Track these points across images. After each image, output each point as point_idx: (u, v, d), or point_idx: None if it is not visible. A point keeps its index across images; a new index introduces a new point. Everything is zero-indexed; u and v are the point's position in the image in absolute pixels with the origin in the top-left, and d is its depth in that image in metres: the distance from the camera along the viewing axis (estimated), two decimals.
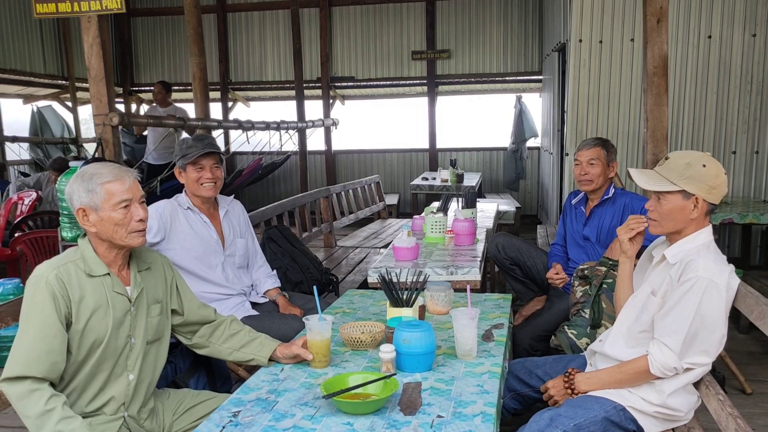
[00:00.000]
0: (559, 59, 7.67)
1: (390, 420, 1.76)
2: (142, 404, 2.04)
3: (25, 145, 9.13)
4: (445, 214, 4.00)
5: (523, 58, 10.49)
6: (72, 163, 4.15)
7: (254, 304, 3.09)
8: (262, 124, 7.01)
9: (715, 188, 2.01)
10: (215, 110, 11.43)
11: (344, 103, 11.36)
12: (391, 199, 9.67)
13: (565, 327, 2.73)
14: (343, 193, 6.29)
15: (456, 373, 2.08)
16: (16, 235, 5.03)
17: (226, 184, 8.22)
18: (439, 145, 10.96)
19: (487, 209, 5.27)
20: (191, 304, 2.21)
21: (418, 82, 10.84)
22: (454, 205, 4.64)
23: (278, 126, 7.50)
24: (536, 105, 10.45)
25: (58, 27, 9.99)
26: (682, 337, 1.92)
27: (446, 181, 7.92)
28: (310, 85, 10.87)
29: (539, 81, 10.32)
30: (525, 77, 10.54)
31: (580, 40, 6.48)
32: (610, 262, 2.71)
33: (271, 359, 2.18)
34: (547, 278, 3.31)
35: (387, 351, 2.05)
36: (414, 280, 2.47)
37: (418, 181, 8.24)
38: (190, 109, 6.97)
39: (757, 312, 1.86)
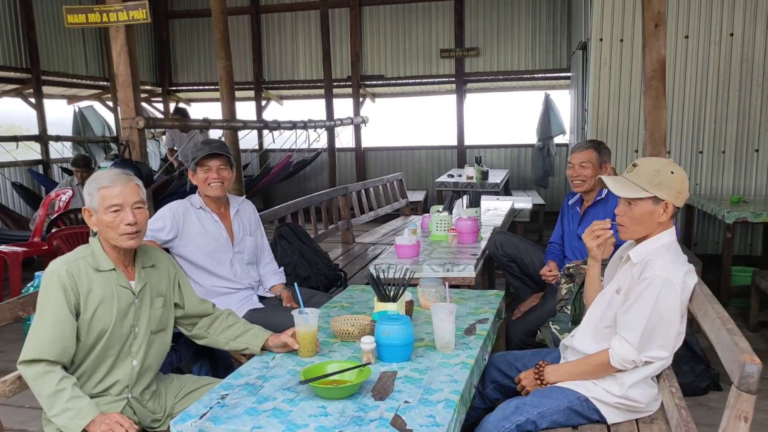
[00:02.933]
0: (583, 57, 7.71)
1: (361, 404, 1.93)
2: (145, 387, 2.27)
3: (68, 143, 9.57)
4: (450, 212, 4.15)
5: (552, 54, 10.51)
6: (102, 163, 4.42)
7: (261, 298, 3.30)
8: (288, 123, 7.24)
9: (682, 193, 2.14)
10: (249, 109, 11.77)
11: (375, 100, 11.54)
12: (419, 196, 9.82)
13: (550, 322, 2.87)
14: (363, 190, 6.47)
15: (432, 363, 2.24)
16: (53, 230, 5.35)
17: (255, 181, 8.52)
18: (467, 142, 11.06)
19: (500, 207, 5.39)
20: (191, 299, 2.43)
21: (446, 79, 10.95)
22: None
23: (305, 125, 7.72)
24: (566, 102, 10.46)
25: (100, 31, 10.39)
26: (640, 332, 2.05)
27: (471, 178, 8.03)
28: (341, 83, 11.08)
29: (568, 78, 10.34)
30: (553, 74, 10.56)
31: (601, 39, 6.53)
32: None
33: (264, 348, 2.38)
34: (540, 275, 3.44)
35: (367, 342, 2.23)
36: (401, 276, 2.64)
37: (443, 178, 8.37)
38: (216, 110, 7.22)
39: (702, 310, 1.98)
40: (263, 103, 11.78)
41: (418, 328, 2.60)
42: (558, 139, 10.17)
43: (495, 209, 5.30)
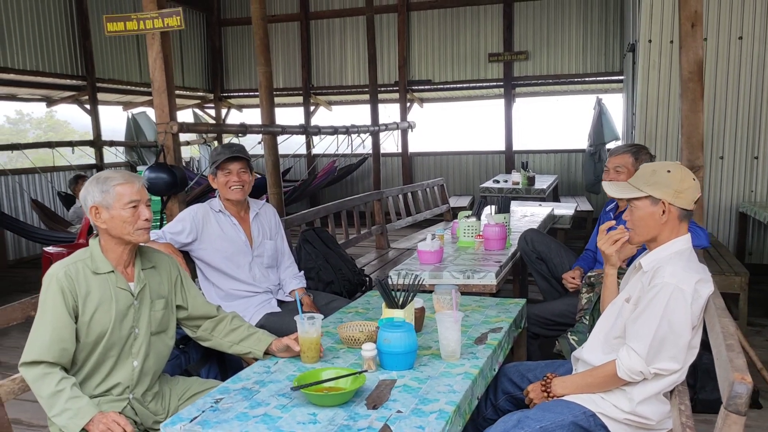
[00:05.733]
0: (632, 59, 7.48)
1: (352, 413, 1.89)
2: (147, 388, 2.29)
3: (121, 148, 9.88)
4: (479, 219, 4.06)
5: (604, 57, 10.25)
6: (138, 168, 4.52)
7: (281, 302, 3.29)
8: (330, 128, 7.27)
9: (682, 192, 2.04)
10: (298, 114, 11.90)
11: (422, 105, 11.50)
12: (464, 202, 9.72)
13: (569, 333, 2.76)
14: (400, 195, 6.42)
15: (434, 373, 2.18)
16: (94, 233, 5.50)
17: (299, 186, 8.59)
18: (515, 147, 10.89)
19: (538, 213, 5.26)
20: (196, 301, 2.44)
21: (494, 84, 10.82)
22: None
23: (347, 130, 7.73)
24: (619, 105, 10.17)
25: None
26: (648, 342, 1.95)
27: (517, 183, 7.90)
28: (388, 88, 11.08)
29: (621, 81, 10.06)
30: (606, 77, 10.30)
31: (650, 41, 6.31)
32: (621, 271, 2.71)
33: (267, 353, 2.36)
34: (563, 278, 3.33)
35: (368, 349, 2.19)
36: (411, 283, 2.58)
37: (488, 183, 8.26)
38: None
39: (711, 323, 1.86)
40: (311, 108, 11.89)
41: (429, 336, 2.54)
42: (611, 145, 9.90)
43: (532, 215, 5.17)
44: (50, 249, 5.77)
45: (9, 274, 7.09)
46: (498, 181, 8.29)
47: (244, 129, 5.44)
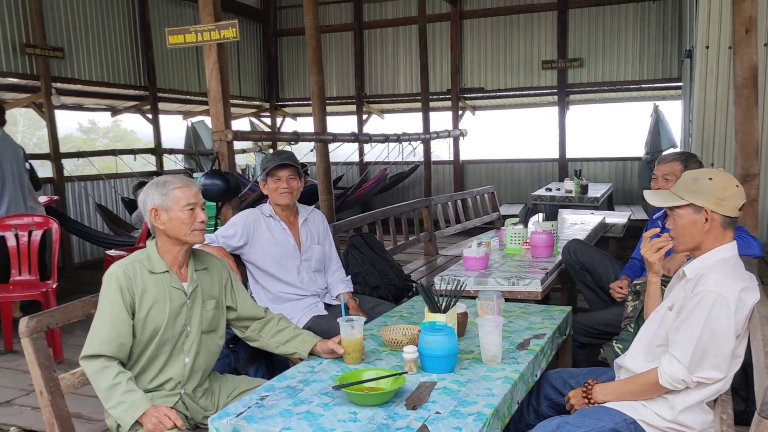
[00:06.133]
0: (690, 66, 7.33)
1: (391, 412, 1.94)
2: (198, 384, 2.39)
3: (180, 156, 10.20)
4: (526, 226, 4.06)
5: (661, 63, 10.04)
6: (194, 174, 4.68)
7: (328, 306, 3.37)
8: (381, 136, 7.35)
9: (725, 200, 2.02)
10: (351, 122, 12.05)
11: (475, 113, 11.49)
12: (516, 210, 9.64)
13: (614, 341, 2.75)
14: (449, 203, 6.44)
15: (474, 376, 2.21)
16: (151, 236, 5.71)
17: (350, 193, 8.70)
18: (569, 154, 10.76)
19: (589, 221, 5.21)
20: (244, 303, 2.54)
21: (548, 91, 10.72)
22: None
23: (398, 138, 7.80)
24: (677, 112, 9.95)
25: None
26: (691, 350, 1.94)
27: (570, 191, 7.82)
28: (440, 96, 11.12)
29: (679, 87, 9.83)
30: (663, 84, 10.08)
31: (707, 47, 6.18)
32: (666, 279, 2.69)
33: (312, 354, 2.44)
34: (609, 288, 3.30)
35: (409, 351, 2.24)
36: (453, 288, 2.61)
37: (540, 191, 8.20)
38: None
39: (753, 331, 1.83)
40: (364, 116, 12.02)
41: (471, 341, 2.57)
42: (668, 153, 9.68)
43: (582, 223, 5.13)
44: (112, 252, 6.02)
45: (74, 276, 7.41)
46: (550, 189, 8.21)
47: (296, 137, 5.57)
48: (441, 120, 11.17)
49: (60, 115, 8.25)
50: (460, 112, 11.21)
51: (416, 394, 2.06)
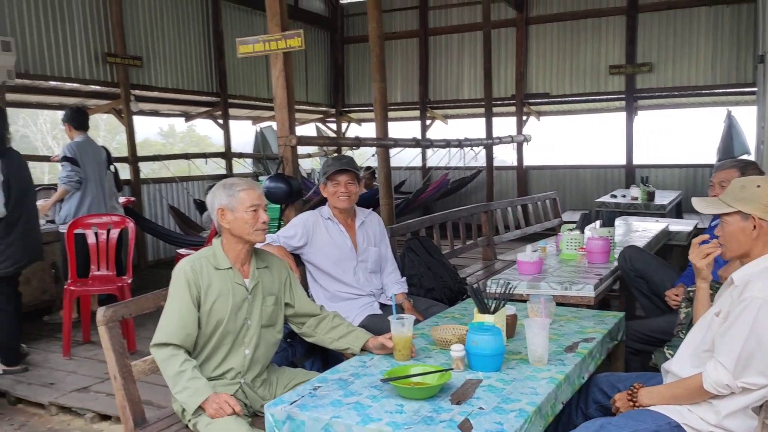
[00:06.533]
0: (764, 71, 7.09)
1: (436, 406, 2.03)
2: (257, 375, 2.55)
3: (249, 160, 10.55)
4: (582, 232, 4.06)
5: (735, 69, 9.73)
6: (260, 178, 4.88)
7: (383, 306, 3.48)
8: (442, 141, 7.43)
9: None
10: (415, 127, 12.17)
11: (539, 119, 11.41)
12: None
13: (665, 347, 2.74)
14: (509, 208, 6.46)
15: (519, 375, 2.27)
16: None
17: (411, 197, 8.80)
18: (636, 161, 10.55)
19: (651, 228, 5.14)
20: (301, 300, 2.69)
21: (615, 96, 10.56)
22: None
23: (459, 143, 7.86)
24: (752, 118, 9.61)
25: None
26: (735, 356, 1.95)
27: (636, 198, 7.70)
28: (505, 102, 11.11)
29: (754, 93, 9.51)
30: (737, 89, 9.77)
31: None
32: (717, 285, 2.67)
33: (364, 349, 2.55)
34: (665, 295, 3.28)
35: (457, 350, 2.32)
36: (503, 291, 2.68)
37: (605, 198, 8.10)
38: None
39: None
40: (428, 122, 12.11)
41: (520, 342, 2.62)
42: None
43: (644, 230, 5.07)
44: (183, 251, 6.31)
45: (147, 273, 7.79)
46: (615, 196, 8.10)
47: (357, 142, 5.72)
48: (505, 125, 11.14)
49: (140, 120, 8.69)
50: (524, 118, 11.16)
51: (461, 390, 2.14)
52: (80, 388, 4.20)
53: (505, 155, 11.38)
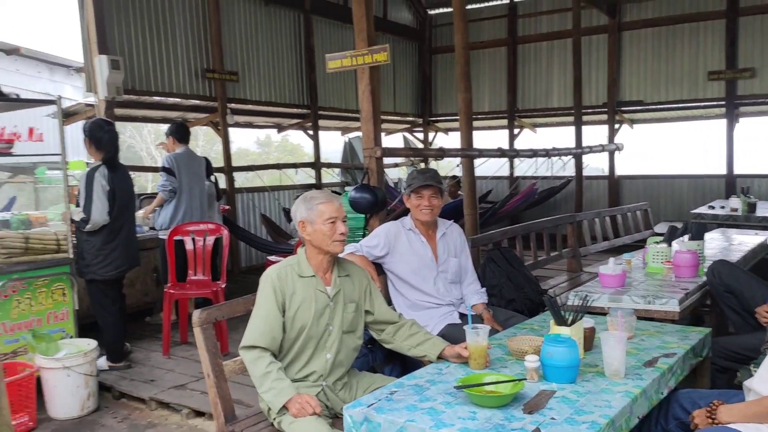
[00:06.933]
0: None
1: (508, 414, 2.07)
2: (338, 378, 2.67)
3: (337, 170, 10.83)
4: (669, 245, 3.96)
5: None
6: (347, 188, 5.04)
7: (462, 315, 3.53)
8: (528, 151, 7.38)
9: None
10: (503, 137, 12.10)
11: (632, 126, 11.10)
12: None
13: (751, 365, 2.66)
14: (596, 219, 6.34)
15: (594, 388, 2.27)
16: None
17: (496, 209, 8.77)
18: (737, 170, 10.06)
19: (746, 242, 4.93)
20: (381, 308, 2.80)
21: (714, 103, 10.13)
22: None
23: (547, 153, 7.78)
24: None
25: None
26: None
27: (736, 210, 7.37)
28: (596, 110, 10.89)
29: None
30: None
31: None
32: None
33: (440, 357, 2.62)
34: (755, 312, 3.16)
35: (531, 360, 2.35)
36: (581, 304, 2.68)
37: (701, 209, 7.79)
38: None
39: None
40: (516, 131, 12.02)
41: (597, 356, 2.61)
42: None
43: (739, 244, 4.87)
44: (272, 258, 6.58)
45: (240, 279, 8.15)
46: (713, 207, 7.76)
47: (441, 153, 5.79)
48: (596, 133, 10.91)
49: (237, 131, 9.10)
50: (616, 126, 10.88)
51: (534, 400, 2.17)
52: (177, 386, 4.49)
53: (597, 162, 11.09)
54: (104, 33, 6.74)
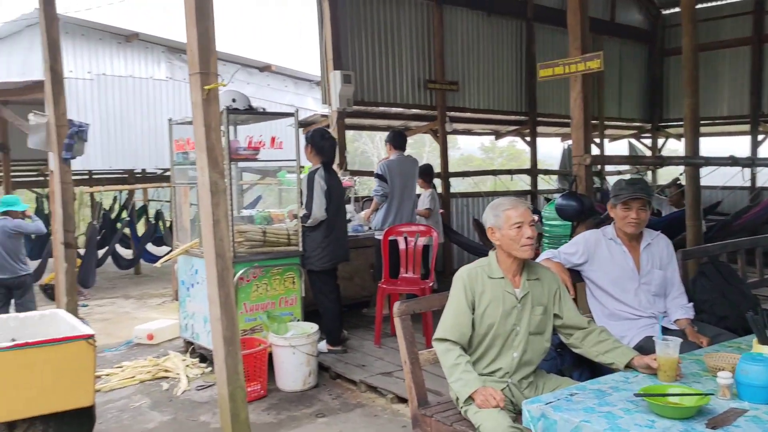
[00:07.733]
0: None
1: (689, 427, 2.04)
2: (524, 377, 2.78)
3: (554, 177, 10.71)
4: None
5: None
6: (555, 195, 5.06)
7: (665, 329, 3.40)
8: (765, 159, 6.70)
9: None
10: (744, 143, 11.07)
11: None
12: None
13: None
14: None
15: None
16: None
17: (728, 221, 8.07)
18: None
19: None
20: (570, 313, 2.85)
21: None
22: None
23: None
24: None
25: (593, 78, 11.27)
26: None
27: None
28: None
29: None
30: None
31: None
32: None
33: (629, 366, 2.61)
34: None
35: (724, 377, 2.27)
36: None
37: None
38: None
39: None
40: (760, 137, 10.90)
41: None
42: None
43: None
44: None
45: (451, 280, 8.44)
46: None
47: (661, 161, 5.54)
48: None
49: (464, 138, 9.45)
50: None
51: (721, 417, 2.11)
52: (385, 372, 4.88)
53: None
54: (339, 50, 7.47)
